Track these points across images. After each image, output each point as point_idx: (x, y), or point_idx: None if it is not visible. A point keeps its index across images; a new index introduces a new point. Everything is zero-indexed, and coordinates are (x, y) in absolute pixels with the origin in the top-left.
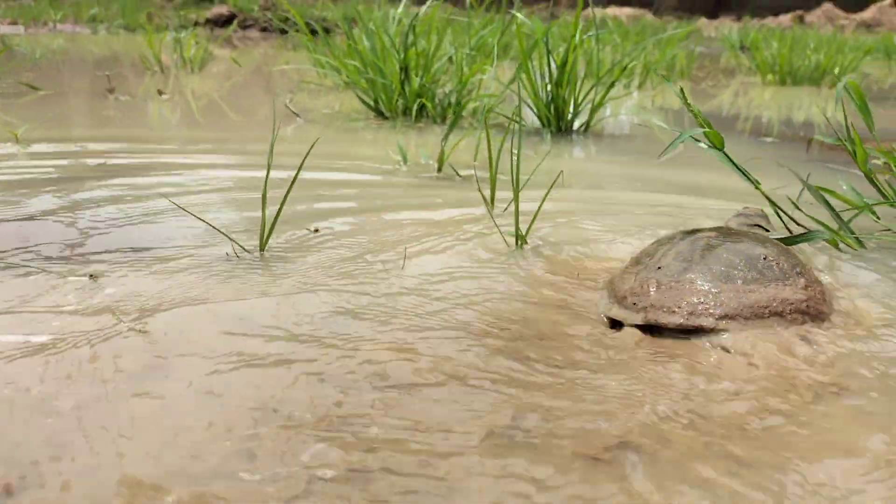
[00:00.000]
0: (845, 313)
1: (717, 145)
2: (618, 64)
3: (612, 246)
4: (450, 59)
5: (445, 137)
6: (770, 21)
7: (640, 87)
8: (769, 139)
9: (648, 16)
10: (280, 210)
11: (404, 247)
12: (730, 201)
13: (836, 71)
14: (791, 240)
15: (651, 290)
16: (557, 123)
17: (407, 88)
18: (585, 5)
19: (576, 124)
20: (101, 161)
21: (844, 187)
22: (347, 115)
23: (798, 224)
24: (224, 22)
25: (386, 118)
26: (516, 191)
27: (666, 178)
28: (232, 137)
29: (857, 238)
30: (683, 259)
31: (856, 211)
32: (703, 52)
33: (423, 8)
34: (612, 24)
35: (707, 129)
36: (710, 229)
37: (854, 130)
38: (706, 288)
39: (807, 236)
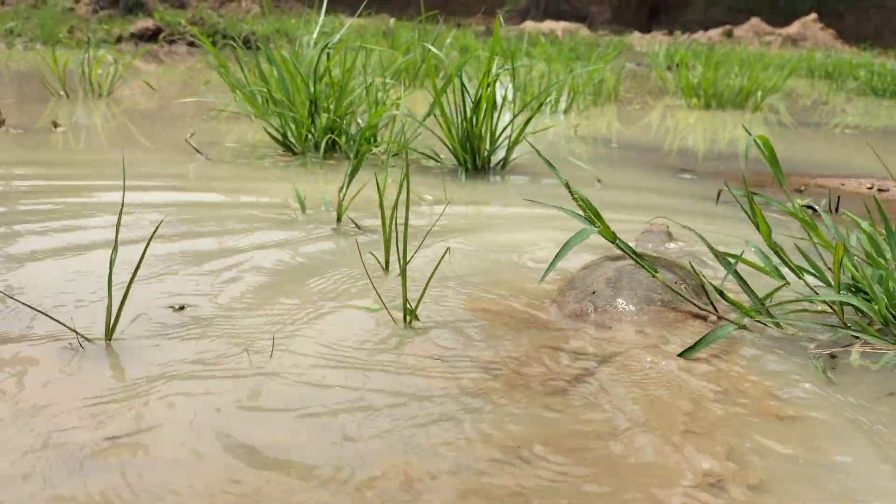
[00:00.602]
0: None
1: (609, 239)
2: (542, 92)
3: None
4: (366, 88)
5: (347, 185)
6: (700, 35)
7: (566, 111)
8: (688, 176)
9: (583, 30)
10: (126, 295)
11: (273, 333)
12: None
13: (759, 94)
14: (702, 340)
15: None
16: (473, 161)
17: (317, 123)
18: (525, 19)
19: (494, 159)
20: None
21: (753, 250)
22: (255, 150)
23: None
24: (150, 36)
25: (296, 153)
26: (404, 268)
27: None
28: (118, 184)
29: (769, 316)
30: (613, 285)
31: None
32: (633, 70)
33: (337, 37)
34: (546, 40)
35: (601, 228)
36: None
37: (756, 207)
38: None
39: (715, 334)
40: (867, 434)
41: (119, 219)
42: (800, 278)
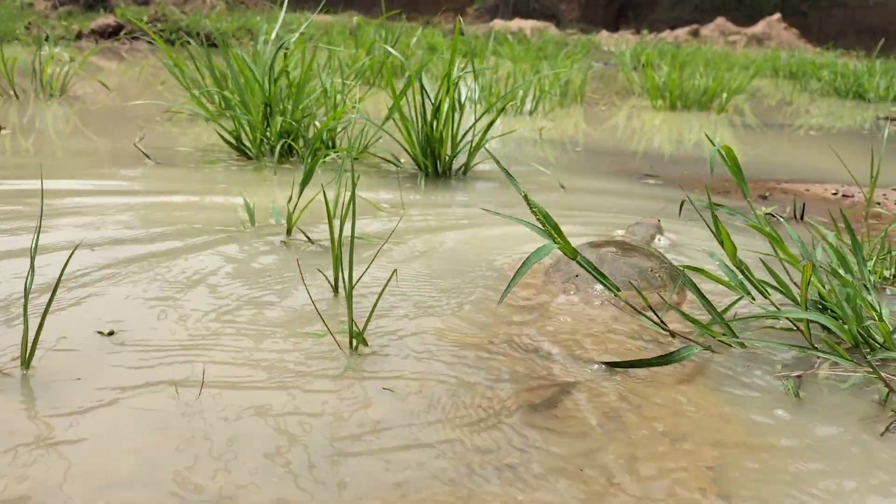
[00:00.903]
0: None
1: (570, 255)
2: (506, 95)
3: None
4: (325, 90)
5: (298, 195)
6: (667, 34)
7: (532, 112)
8: (652, 181)
9: (552, 28)
10: (42, 321)
11: (203, 366)
12: None
13: (725, 95)
14: (664, 359)
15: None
16: (434, 166)
17: (272, 126)
18: (494, 17)
19: (456, 164)
20: None
21: (717, 264)
22: (207, 154)
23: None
24: (111, 33)
25: (250, 158)
26: (349, 290)
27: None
28: (56, 193)
29: (734, 336)
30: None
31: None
32: (600, 69)
33: (294, 36)
34: (514, 39)
35: (561, 244)
36: (610, 242)
37: (720, 227)
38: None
39: (680, 353)
40: (837, 461)
41: (36, 238)
42: (765, 297)
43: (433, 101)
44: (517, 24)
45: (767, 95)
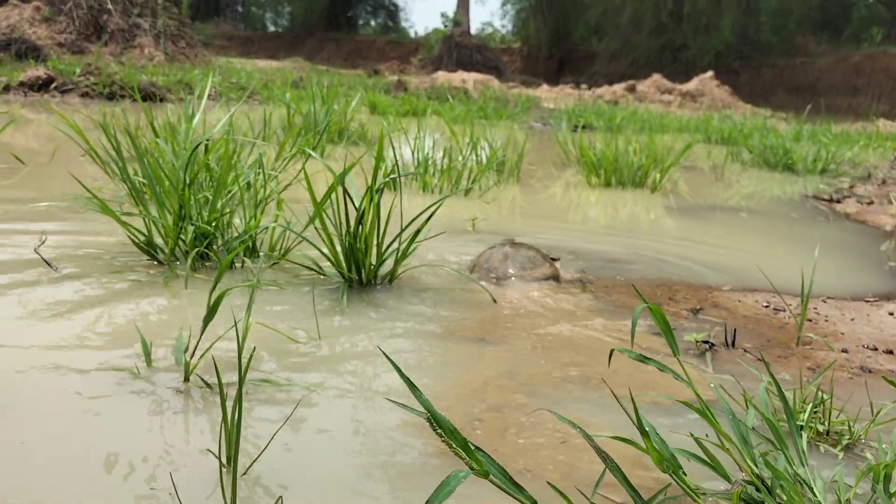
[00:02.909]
0: None
1: (482, 475)
2: (433, 204)
3: None
4: (248, 184)
5: (201, 333)
6: (605, 90)
7: (467, 192)
8: (581, 292)
9: (494, 81)
10: None
11: None
12: None
13: (658, 175)
14: None
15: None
16: (358, 276)
17: (186, 232)
18: (438, 68)
19: (382, 271)
20: None
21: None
22: (117, 258)
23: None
24: (41, 86)
25: (163, 264)
26: (234, 487)
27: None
28: None
29: None
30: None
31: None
32: (538, 130)
33: (219, 125)
34: (456, 96)
35: (477, 469)
36: (505, 244)
37: (649, 444)
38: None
39: None
40: None
41: None
42: (690, 493)
43: (357, 208)
44: (460, 76)
45: (700, 164)
